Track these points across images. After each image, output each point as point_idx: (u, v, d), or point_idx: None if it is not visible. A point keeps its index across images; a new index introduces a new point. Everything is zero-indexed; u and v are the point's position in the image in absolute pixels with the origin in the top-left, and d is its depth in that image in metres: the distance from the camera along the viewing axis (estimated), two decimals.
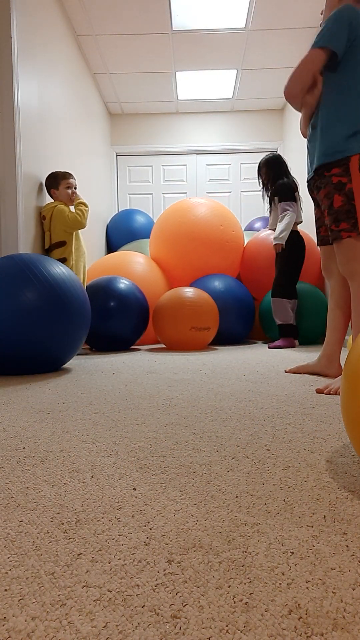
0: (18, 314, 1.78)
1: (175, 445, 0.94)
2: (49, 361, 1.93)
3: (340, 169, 1.59)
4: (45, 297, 1.81)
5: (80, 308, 1.96)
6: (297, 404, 1.32)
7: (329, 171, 1.62)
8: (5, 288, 1.79)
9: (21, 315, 1.78)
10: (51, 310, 1.82)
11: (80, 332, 1.98)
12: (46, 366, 1.95)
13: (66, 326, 1.88)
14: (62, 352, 1.94)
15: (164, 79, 4.57)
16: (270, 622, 0.41)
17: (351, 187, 1.58)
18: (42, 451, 0.91)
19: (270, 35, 3.84)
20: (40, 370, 1.96)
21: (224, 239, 3.63)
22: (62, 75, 3.39)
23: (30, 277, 1.82)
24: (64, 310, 1.86)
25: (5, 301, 1.78)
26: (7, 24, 2.39)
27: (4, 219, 2.45)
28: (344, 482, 0.74)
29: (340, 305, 1.81)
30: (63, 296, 1.87)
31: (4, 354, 1.83)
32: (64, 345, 1.92)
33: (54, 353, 1.91)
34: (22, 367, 1.90)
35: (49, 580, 0.48)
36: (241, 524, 0.60)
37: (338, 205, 1.61)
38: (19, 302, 1.78)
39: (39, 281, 1.82)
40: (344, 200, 1.60)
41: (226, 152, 5.39)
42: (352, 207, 1.59)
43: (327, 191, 1.64)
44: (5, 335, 1.78)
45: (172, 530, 0.58)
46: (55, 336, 1.85)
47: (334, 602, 0.44)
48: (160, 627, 0.41)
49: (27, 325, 1.79)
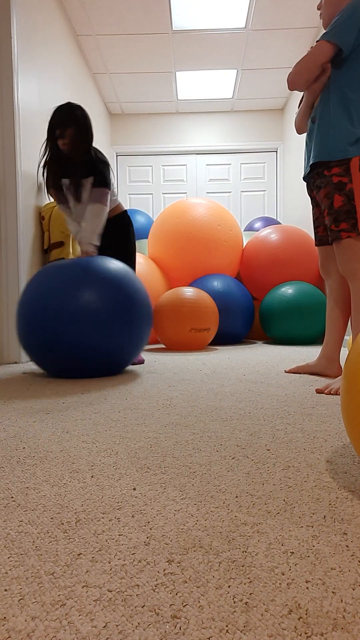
0: (80, 316, 1.71)
1: (175, 445, 0.94)
2: (114, 363, 1.86)
3: (340, 168, 1.59)
4: (107, 297, 1.76)
5: (143, 307, 1.88)
6: (297, 404, 1.32)
7: (329, 170, 1.61)
8: (66, 290, 1.74)
9: (83, 317, 1.71)
10: (114, 310, 1.76)
11: (143, 332, 1.90)
12: (111, 368, 1.89)
13: (130, 327, 1.81)
14: (126, 353, 1.87)
15: (164, 79, 4.57)
16: (270, 622, 0.41)
17: (351, 188, 1.58)
18: (42, 451, 0.91)
19: (270, 35, 3.84)
20: (105, 372, 1.89)
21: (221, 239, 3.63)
22: (62, 75, 3.39)
23: (91, 277, 1.77)
24: (127, 310, 1.79)
25: (66, 303, 1.72)
26: (7, 24, 2.39)
27: (3, 219, 2.45)
28: (344, 482, 0.74)
29: (339, 305, 1.81)
30: (125, 295, 1.80)
31: (70, 357, 1.77)
32: (127, 347, 1.85)
33: (117, 355, 1.84)
34: (85, 369, 1.83)
35: (49, 580, 0.48)
36: (241, 524, 0.60)
37: (338, 205, 1.61)
38: (80, 303, 1.72)
39: (100, 281, 1.77)
40: (344, 201, 1.60)
41: (226, 152, 5.39)
42: (352, 207, 1.59)
43: (327, 191, 1.63)
44: (69, 338, 1.72)
45: (172, 530, 0.58)
46: (119, 337, 1.78)
47: (334, 602, 0.44)
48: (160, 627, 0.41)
49: (90, 327, 1.72)
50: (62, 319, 1.70)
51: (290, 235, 3.66)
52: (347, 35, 1.53)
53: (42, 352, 1.78)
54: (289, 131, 4.97)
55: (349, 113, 1.58)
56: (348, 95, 1.58)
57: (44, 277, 1.82)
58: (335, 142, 1.59)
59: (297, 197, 4.72)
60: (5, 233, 2.46)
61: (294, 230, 3.72)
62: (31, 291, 1.81)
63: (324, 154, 1.61)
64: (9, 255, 2.47)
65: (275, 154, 5.37)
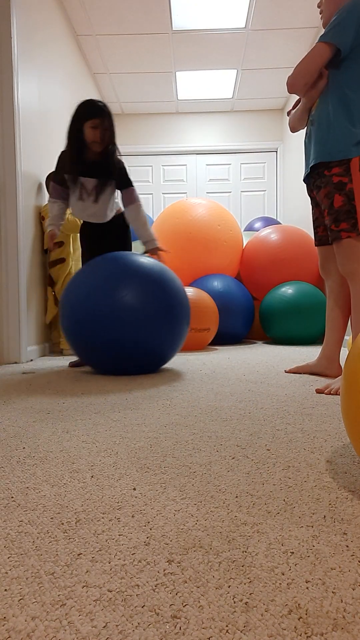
0: (117, 313, 1.74)
1: (175, 445, 0.94)
2: (153, 361, 1.89)
3: (341, 168, 1.59)
4: (144, 294, 1.78)
5: (181, 303, 1.89)
6: (297, 404, 1.32)
7: (330, 170, 1.61)
8: (104, 288, 1.77)
9: (121, 314, 1.74)
10: (154, 309, 1.78)
11: (182, 328, 1.90)
12: (150, 366, 1.91)
13: (167, 323, 1.82)
14: (165, 350, 1.88)
15: (164, 79, 4.57)
16: (270, 622, 0.41)
17: (352, 188, 1.58)
18: (42, 451, 0.91)
19: (270, 35, 3.84)
20: (144, 370, 1.91)
21: (221, 239, 3.63)
22: (62, 75, 3.39)
23: (129, 274, 1.79)
24: (167, 308, 1.81)
25: (105, 301, 1.75)
26: (7, 24, 2.39)
27: (3, 219, 2.45)
28: (344, 482, 0.74)
29: (339, 305, 1.81)
30: (162, 292, 1.82)
31: (109, 355, 1.80)
32: (166, 343, 1.86)
33: (156, 352, 1.85)
34: (123, 367, 1.86)
35: (49, 580, 0.48)
36: (241, 524, 0.60)
37: (338, 205, 1.60)
38: (118, 300, 1.75)
39: (137, 278, 1.79)
40: (344, 201, 1.59)
41: (226, 152, 5.39)
42: (352, 207, 1.59)
43: (327, 191, 1.63)
44: (108, 335, 1.75)
45: (172, 530, 0.58)
46: (157, 334, 1.80)
47: (334, 602, 0.44)
48: (160, 627, 0.41)
49: (131, 326, 1.75)
50: (103, 317, 1.75)
51: (290, 235, 3.66)
52: (345, 35, 1.53)
53: (86, 349, 1.84)
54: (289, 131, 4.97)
55: (349, 113, 1.57)
56: (348, 95, 1.58)
57: (88, 274, 1.86)
58: (335, 143, 1.58)
59: (297, 197, 4.72)
60: (5, 233, 2.46)
61: (294, 230, 3.72)
62: (75, 287, 1.86)
63: (324, 154, 1.61)
64: (9, 255, 2.47)
65: (275, 154, 5.37)
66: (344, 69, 1.58)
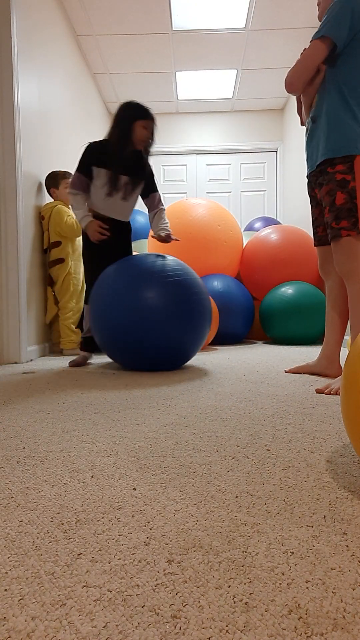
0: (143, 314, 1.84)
1: (175, 445, 0.94)
2: (177, 358, 1.99)
3: (344, 166, 1.58)
4: (168, 295, 1.88)
5: (203, 306, 1.99)
6: (297, 404, 1.32)
7: (333, 167, 1.60)
8: (126, 290, 1.87)
9: (147, 315, 1.84)
10: (175, 308, 1.88)
11: (204, 327, 2.00)
12: (174, 362, 2.00)
13: (190, 323, 1.92)
14: (188, 348, 1.98)
15: (164, 79, 4.57)
16: (270, 622, 0.41)
17: (354, 186, 1.57)
18: (42, 451, 0.91)
19: (270, 35, 3.84)
20: (169, 367, 2.02)
21: (221, 239, 3.63)
22: (62, 75, 3.39)
23: (150, 276, 1.89)
24: (188, 309, 1.91)
25: (128, 301, 1.86)
26: (7, 24, 2.39)
27: (3, 219, 2.45)
28: (344, 482, 0.74)
29: (339, 305, 1.81)
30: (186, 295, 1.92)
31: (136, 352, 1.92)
32: (189, 341, 1.96)
33: (180, 349, 1.96)
34: (149, 364, 1.97)
35: (49, 580, 0.48)
36: (241, 524, 0.60)
37: (340, 203, 1.60)
38: (141, 301, 1.85)
39: (158, 279, 1.88)
40: (347, 198, 1.59)
41: (226, 152, 5.39)
42: (354, 205, 1.58)
43: (329, 188, 1.62)
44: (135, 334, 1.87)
45: (172, 530, 0.58)
46: (180, 333, 1.90)
47: (334, 602, 0.44)
48: (160, 627, 0.41)
49: (155, 325, 1.85)
50: (130, 317, 1.86)
51: (290, 235, 3.66)
52: (340, 30, 1.52)
53: (115, 348, 1.95)
54: (289, 131, 4.97)
55: (350, 108, 1.57)
56: (347, 90, 1.57)
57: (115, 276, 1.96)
58: (339, 139, 1.57)
59: (297, 197, 4.72)
60: (5, 233, 2.46)
61: (294, 230, 3.72)
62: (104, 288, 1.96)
63: (328, 151, 1.60)
64: (9, 255, 2.47)
65: (275, 154, 5.37)
66: (341, 64, 1.58)
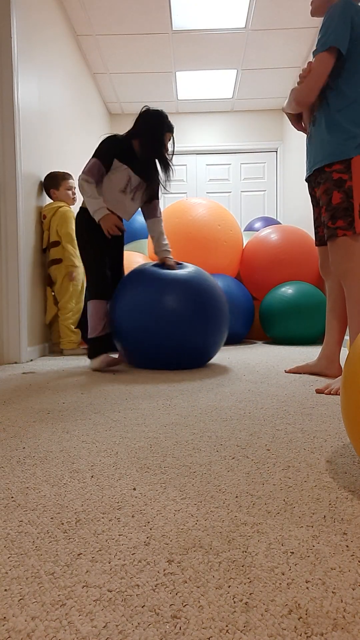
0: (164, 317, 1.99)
1: (175, 445, 0.94)
2: (199, 357, 2.12)
3: (342, 165, 1.58)
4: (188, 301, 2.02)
5: (219, 309, 2.13)
6: (297, 404, 1.32)
7: (330, 167, 1.60)
8: (143, 293, 2.02)
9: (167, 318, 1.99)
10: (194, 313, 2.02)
11: (222, 328, 2.14)
12: (196, 362, 2.13)
13: (210, 325, 2.08)
14: (209, 347, 2.12)
15: (164, 79, 4.57)
16: (270, 622, 0.41)
17: (351, 185, 1.57)
18: (42, 451, 0.91)
19: (270, 35, 3.84)
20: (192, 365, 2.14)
21: (221, 239, 3.63)
22: (62, 75, 3.39)
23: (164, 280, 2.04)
24: (204, 311, 2.05)
25: (147, 305, 2.00)
26: (7, 24, 2.39)
27: (4, 219, 2.45)
28: (344, 482, 0.74)
29: (339, 305, 1.81)
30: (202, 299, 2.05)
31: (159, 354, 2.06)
32: (209, 341, 2.11)
33: (201, 349, 2.10)
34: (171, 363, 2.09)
35: (49, 580, 0.48)
36: (241, 524, 0.60)
37: (336, 202, 1.59)
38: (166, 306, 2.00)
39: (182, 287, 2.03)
40: (343, 198, 1.59)
41: (226, 152, 5.39)
42: (350, 205, 1.58)
43: (326, 187, 1.62)
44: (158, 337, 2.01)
45: (172, 530, 0.58)
46: (196, 335, 2.04)
47: (334, 602, 0.44)
48: (160, 627, 0.41)
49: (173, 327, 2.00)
50: (151, 321, 1.99)
51: (290, 235, 3.66)
52: (342, 37, 1.52)
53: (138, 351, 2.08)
54: (289, 131, 4.97)
55: (347, 112, 1.57)
56: (346, 95, 1.57)
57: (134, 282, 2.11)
58: (337, 145, 1.58)
59: (297, 197, 4.72)
60: (5, 233, 2.46)
61: (294, 230, 3.72)
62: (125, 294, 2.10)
63: (325, 157, 1.61)
64: (9, 255, 2.47)
65: (275, 154, 5.37)
66: (339, 69, 1.58)
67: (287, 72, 4.44)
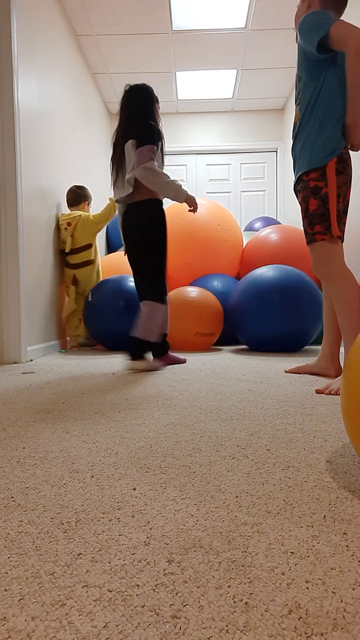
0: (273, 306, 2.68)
1: (175, 445, 0.94)
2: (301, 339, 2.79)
3: (317, 173, 1.63)
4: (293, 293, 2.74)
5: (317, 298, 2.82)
6: (297, 404, 1.32)
7: (307, 175, 1.66)
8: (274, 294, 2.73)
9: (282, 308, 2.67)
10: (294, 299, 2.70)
11: (317, 312, 2.77)
12: (298, 344, 2.80)
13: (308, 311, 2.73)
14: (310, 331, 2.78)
15: (164, 79, 4.57)
16: (270, 622, 0.41)
17: (327, 192, 1.62)
18: (42, 451, 0.91)
19: (270, 35, 3.84)
20: (293, 348, 2.78)
21: (221, 239, 3.63)
22: (62, 75, 3.39)
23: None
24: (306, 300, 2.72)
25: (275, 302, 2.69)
26: (7, 24, 2.39)
27: (4, 219, 2.45)
28: (344, 482, 0.74)
29: None
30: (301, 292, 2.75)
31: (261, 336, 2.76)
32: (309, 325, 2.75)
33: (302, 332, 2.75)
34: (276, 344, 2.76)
35: (49, 580, 0.48)
36: (241, 524, 0.60)
37: (313, 209, 1.65)
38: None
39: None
40: (319, 204, 1.63)
41: (226, 152, 5.39)
42: (326, 210, 1.63)
43: (304, 195, 1.68)
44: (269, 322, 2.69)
45: (172, 530, 0.58)
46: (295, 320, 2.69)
47: (334, 602, 0.44)
48: (160, 627, 0.41)
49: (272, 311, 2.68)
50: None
51: (290, 235, 3.65)
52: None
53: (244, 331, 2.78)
54: (289, 131, 4.96)
55: (323, 121, 1.61)
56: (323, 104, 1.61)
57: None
58: (311, 155, 1.63)
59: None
60: (5, 233, 2.46)
61: (294, 230, 3.72)
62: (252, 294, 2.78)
63: (304, 165, 1.66)
64: (9, 255, 2.47)
65: (275, 154, 5.37)
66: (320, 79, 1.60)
67: (287, 72, 4.44)
